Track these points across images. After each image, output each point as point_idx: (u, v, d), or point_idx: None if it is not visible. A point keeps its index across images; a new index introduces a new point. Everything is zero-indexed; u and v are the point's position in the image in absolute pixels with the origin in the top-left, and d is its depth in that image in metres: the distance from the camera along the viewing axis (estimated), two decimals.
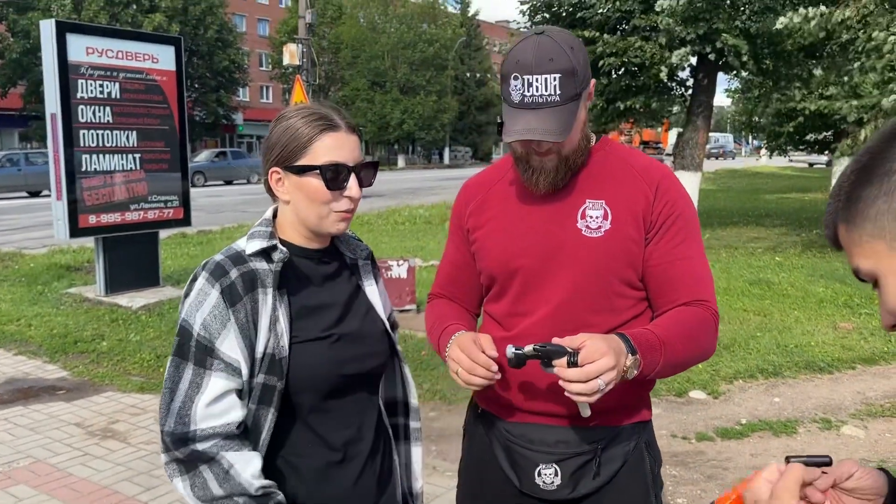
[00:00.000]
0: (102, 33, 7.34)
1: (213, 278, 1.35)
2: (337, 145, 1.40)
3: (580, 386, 1.31)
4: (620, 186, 1.56)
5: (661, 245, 1.53)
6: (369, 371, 1.50)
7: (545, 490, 1.58)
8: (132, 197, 7.35)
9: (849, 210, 0.83)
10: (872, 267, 0.84)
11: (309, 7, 15.48)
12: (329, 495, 1.44)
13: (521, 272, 1.58)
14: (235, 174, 31.71)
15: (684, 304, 1.52)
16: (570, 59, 1.44)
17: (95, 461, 3.99)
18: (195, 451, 1.30)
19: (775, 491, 0.94)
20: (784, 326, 6.33)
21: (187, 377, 1.32)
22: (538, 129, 1.44)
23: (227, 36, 42.02)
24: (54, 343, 6.03)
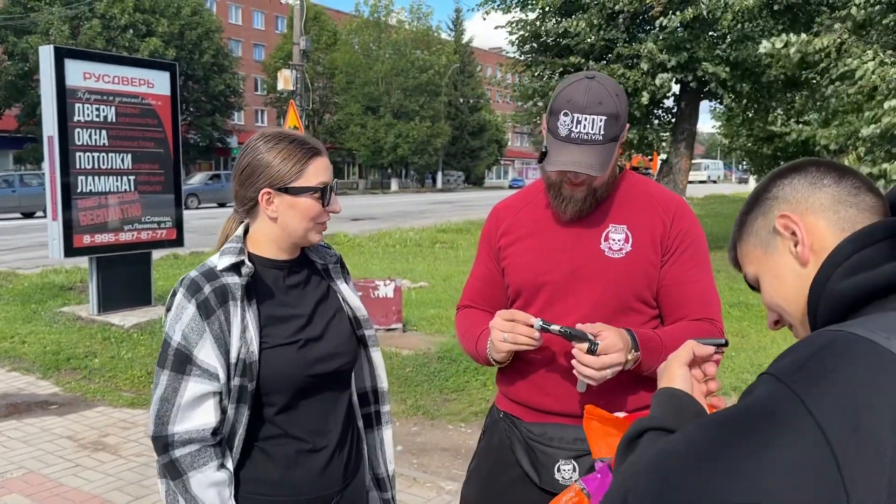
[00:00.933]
0: (100, 59, 7.56)
1: (189, 294, 1.51)
2: (323, 168, 1.59)
3: (592, 371, 1.55)
4: (641, 214, 1.75)
5: (674, 268, 1.72)
6: (336, 370, 1.66)
7: (564, 485, 1.70)
8: (126, 218, 7.51)
9: (740, 231, 1.09)
10: (755, 271, 1.06)
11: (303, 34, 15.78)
12: (298, 479, 1.60)
13: (547, 286, 1.75)
14: (229, 197, 31.69)
15: (694, 320, 1.70)
16: (616, 104, 1.63)
17: (87, 472, 4.12)
18: (171, 460, 1.48)
19: (669, 359, 1.17)
20: (760, 346, 6.51)
21: (166, 383, 1.49)
22: (581, 163, 1.61)
23: (222, 61, 42.46)
24: (47, 360, 6.15)
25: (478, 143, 58.20)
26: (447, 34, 57.95)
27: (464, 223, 19.17)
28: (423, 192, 50.47)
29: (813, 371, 0.80)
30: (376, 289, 6.70)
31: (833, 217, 1.00)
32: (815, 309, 0.96)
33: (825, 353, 0.81)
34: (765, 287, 1.06)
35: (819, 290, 0.95)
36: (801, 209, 1.01)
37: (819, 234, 0.99)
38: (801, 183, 1.03)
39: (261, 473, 1.58)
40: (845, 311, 0.91)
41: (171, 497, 1.50)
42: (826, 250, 0.97)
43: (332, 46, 47.83)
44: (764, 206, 1.06)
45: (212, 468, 1.49)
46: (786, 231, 1.01)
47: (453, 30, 60.47)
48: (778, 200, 1.04)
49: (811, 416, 0.76)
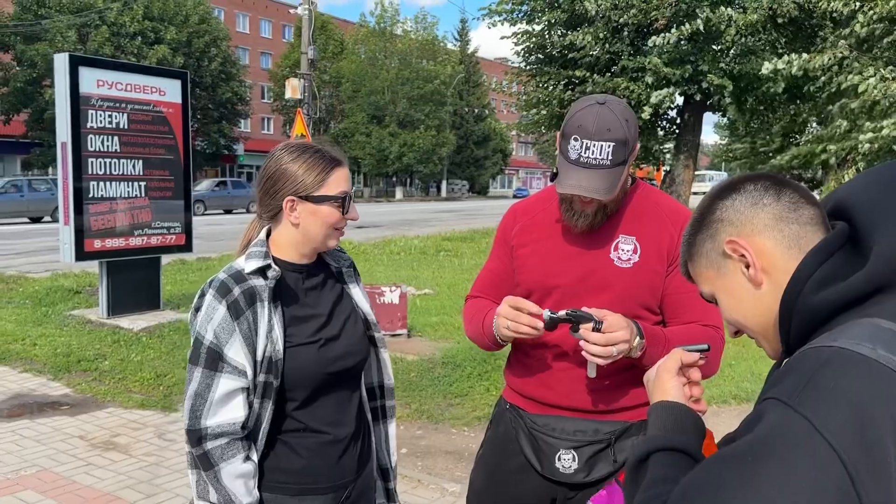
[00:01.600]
0: (112, 67, 7.70)
1: (219, 295, 1.61)
2: (344, 178, 1.70)
3: (599, 349, 1.62)
4: (650, 225, 1.83)
5: (679, 276, 1.78)
6: (351, 367, 1.77)
7: (564, 473, 1.83)
8: (136, 223, 7.63)
9: (689, 252, 1.13)
10: (710, 290, 1.12)
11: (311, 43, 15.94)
12: (318, 468, 1.71)
13: (557, 290, 1.83)
14: (235, 203, 32.12)
15: (692, 322, 1.80)
16: (624, 131, 1.71)
17: (98, 470, 4.21)
18: (204, 451, 1.58)
19: (658, 370, 1.20)
20: (760, 356, 6.58)
21: (199, 379, 1.59)
22: (588, 187, 1.70)
23: (230, 69, 42.74)
24: (58, 362, 6.25)
25: (482, 153, 58.40)
26: (453, 44, 58.25)
27: (468, 232, 19.28)
28: (427, 200, 50.63)
29: (816, 391, 0.84)
30: (382, 294, 6.79)
31: (778, 235, 1.03)
32: (787, 323, 1.00)
33: (824, 372, 0.85)
34: (722, 305, 1.11)
35: (790, 306, 0.99)
36: (746, 231, 1.04)
37: (767, 253, 1.03)
38: (743, 203, 1.06)
39: (284, 464, 1.68)
40: (819, 323, 0.96)
41: (201, 486, 1.59)
42: (777, 269, 1.02)
43: (339, 55, 48.12)
44: (710, 229, 1.09)
45: (239, 460, 1.59)
46: (735, 254, 1.05)
47: (459, 40, 60.77)
48: (723, 223, 1.07)
49: (822, 437, 0.80)
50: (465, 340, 6.59)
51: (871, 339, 0.87)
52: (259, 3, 56.79)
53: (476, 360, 5.96)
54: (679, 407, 1.11)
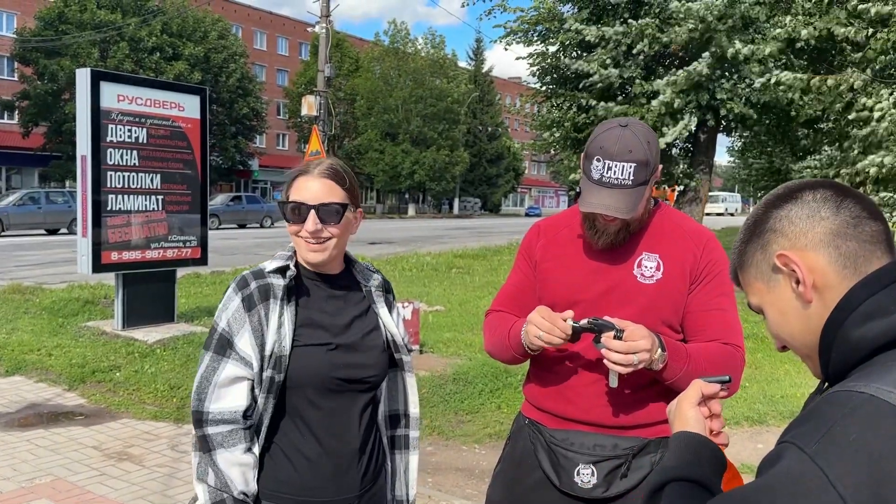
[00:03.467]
0: (133, 82, 7.84)
1: (237, 288, 1.70)
2: (302, 187, 1.72)
3: (620, 356, 1.64)
4: (673, 244, 1.87)
5: (700, 295, 1.84)
6: (363, 379, 1.77)
7: (582, 488, 1.83)
8: (153, 236, 7.72)
9: (740, 260, 1.09)
10: (758, 302, 1.08)
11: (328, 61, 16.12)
12: (315, 480, 1.71)
13: (580, 304, 1.85)
14: (250, 218, 32.34)
15: (714, 340, 1.81)
16: (646, 152, 1.75)
17: (112, 480, 4.25)
18: (205, 435, 1.63)
19: (679, 401, 1.19)
20: (773, 378, 6.56)
21: (207, 362, 1.66)
22: (609, 206, 1.74)
23: (247, 85, 43.20)
24: (73, 372, 6.32)
25: (495, 171, 58.57)
26: (467, 63, 58.62)
27: (480, 249, 19.30)
28: (439, 217, 50.74)
29: (836, 441, 0.81)
30: None
31: (834, 253, 0.97)
32: (827, 353, 0.96)
33: (848, 422, 0.82)
34: (769, 319, 1.07)
35: (831, 337, 0.95)
36: (799, 245, 0.98)
37: (820, 271, 0.97)
38: (798, 215, 1.00)
39: (280, 473, 1.70)
40: (858, 360, 0.92)
41: (201, 468, 1.65)
42: (829, 288, 0.97)
43: (354, 73, 48.55)
44: (762, 239, 1.04)
45: (240, 450, 1.63)
46: (785, 268, 1.00)
47: (474, 59, 61.15)
48: (776, 234, 1.02)
49: (836, 490, 0.78)
50: (477, 357, 6.60)
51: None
52: (277, 20, 57.46)
53: (487, 376, 5.97)
54: (697, 438, 1.10)
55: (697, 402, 1.17)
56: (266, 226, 32.56)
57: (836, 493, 0.78)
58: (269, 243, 22.49)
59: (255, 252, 18.85)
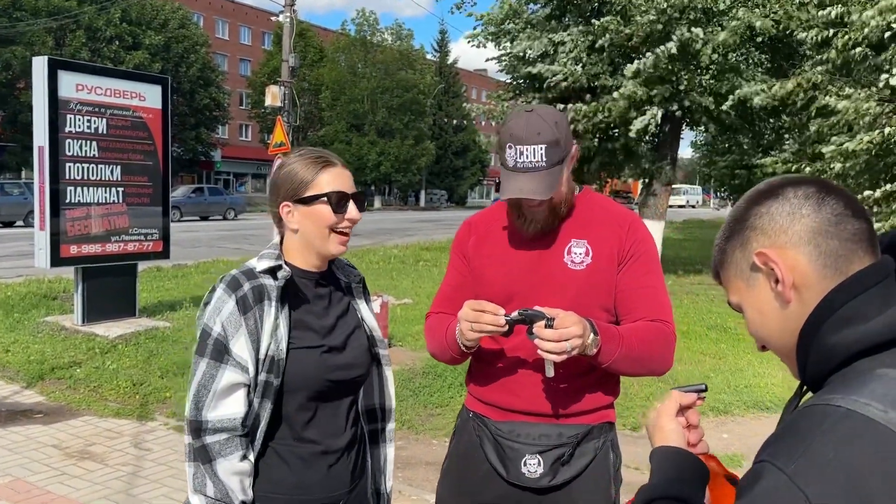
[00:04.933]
0: (92, 71, 7.63)
1: (230, 289, 1.63)
2: (336, 177, 1.69)
3: (552, 345, 1.63)
4: (599, 228, 1.89)
5: (628, 275, 1.87)
6: (352, 379, 1.76)
7: (529, 478, 1.85)
8: (113, 229, 7.54)
9: (721, 258, 1.06)
10: (737, 300, 1.05)
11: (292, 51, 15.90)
12: (309, 480, 1.69)
13: (515, 297, 1.86)
14: (212, 210, 31.85)
15: (644, 319, 1.83)
16: (554, 132, 1.76)
17: (73, 480, 4.14)
18: (203, 444, 1.57)
19: (657, 414, 1.16)
20: (737, 368, 6.66)
21: (204, 370, 1.59)
22: (526, 189, 1.76)
23: (208, 74, 42.48)
24: (31, 369, 6.14)
25: (461, 163, 58.57)
26: (432, 55, 58.43)
27: (448, 241, 19.26)
28: (406, 210, 50.60)
29: (813, 460, 0.80)
30: None
31: (814, 252, 0.94)
32: (804, 357, 0.94)
33: (826, 439, 0.80)
34: (749, 319, 1.05)
35: (808, 341, 0.93)
36: (780, 242, 0.96)
37: (800, 270, 0.95)
38: (779, 212, 0.97)
39: (275, 474, 1.67)
40: (835, 366, 0.90)
41: (198, 479, 1.58)
42: (808, 287, 0.94)
43: (318, 63, 48.05)
44: (741, 237, 1.01)
45: (237, 457, 1.58)
46: (765, 267, 0.97)
47: (438, 51, 60.97)
48: (756, 231, 0.99)
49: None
50: None
51: (884, 399, 0.81)
52: (239, 9, 56.55)
53: (457, 369, 5.95)
54: (679, 452, 1.09)
55: (675, 413, 1.16)
56: (230, 218, 32.11)
57: None
58: (234, 236, 22.19)
59: (218, 245, 18.59)
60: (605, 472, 1.90)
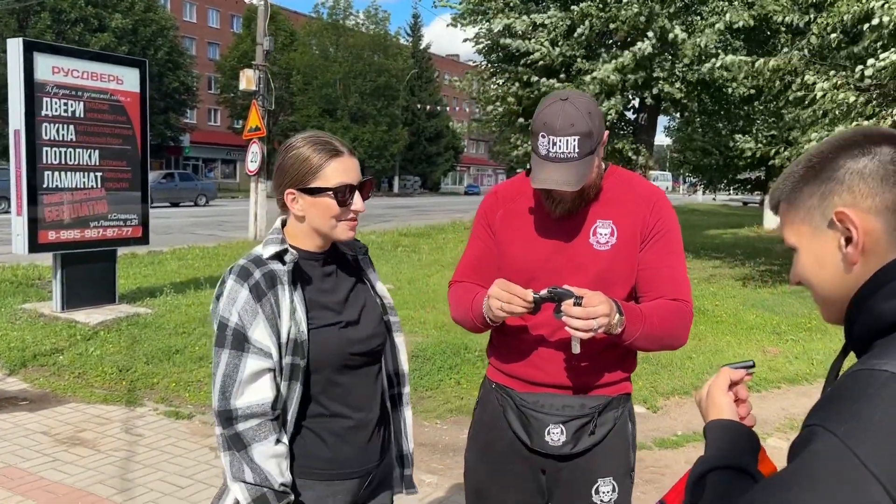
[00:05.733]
0: (69, 53, 7.47)
1: (241, 279, 1.63)
2: (343, 168, 1.70)
3: (580, 323, 1.68)
4: (625, 208, 1.93)
5: (650, 253, 1.91)
6: (372, 350, 1.80)
7: (553, 446, 1.92)
8: (92, 214, 7.43)
9: (792, 195, 1.04)
10: (795, 242, 1.06)
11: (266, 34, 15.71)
12: (346, 454, 1.73)
13: (540, 276, 1.89)
14: (183, 196, 31.41)
15: (664, 297, 1.88)
16: (588, 123, 1.78)
17: (66, 466, 4.11)
18: (236, 432, 1.59)
19: (709, 388, 1.20)
20: (717, 349, 6.81)
21: (227, 360, 1.60)
22: (558, 180, 1.78)
23: (177, 58, 41.75)
24: (12, 356, 6.05)
25: (434, 149, 58.44)
26: (405, 39, 58.06)
27: (425, 227, 19.30)
28: (379, 196, 50.39)
29: (862, 421, 0.82)
30: None
31: (893, 222, 0.95)
32: (852, 319, 0.98)
33: (874, 401, 0.83)
34: (802, 263, 1.05)
35: (861, 305, 0.96)
36: (864, 206, 0.95)
37: (874, 237, 0.95)
38: (871, 175, 0.95)
39: (313, 450, 1.70)
40: (881, 332, 0.93)
41: (236, 466, 1.60)
42: (875, 255, 0.96)
43: (289, 47, 47.47)
44: (824, 186, 0.99)
45: (272, 441, 1.61)
46: (840, 224, 0.97)
47: (411, 35, 60.61)
48: (842, 186, 0.97)
49: (868, 470, 0.80)
50: (433, 334, 6.63)
51: None
52: None
53: (446, 353, 6.00)
54: (733, 425, 1.12)
55: (726, 388, 1.19)
56: (201, 204, 31.70)
57: (867, 473, 0.79)
58: (207, 222, 21.94)
59: (192, 231, 18.37)
60: (623, 440, 1.99)
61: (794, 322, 8.10)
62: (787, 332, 7.62)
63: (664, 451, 4.59)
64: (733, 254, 15.23)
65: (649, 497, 3.92)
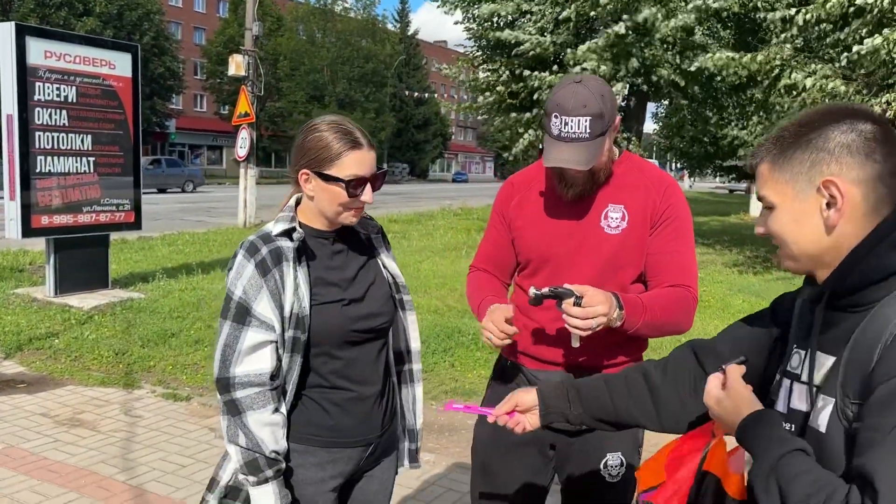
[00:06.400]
0: (61, 38, 7.44)
1: (248, 254, 1.70)
2: (359, 161, 1.74)
3: (580, 322, 1.75)
4: (636, 193, 1.98)
5: (658, 238, 1.97)
6: (375, 328, 1.85)
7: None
8: (85, 199, 7.44)
9: (778, 157, 1.13)
10: (775, 201, 1.14)
11: (255, 19, 15.63)
12: (347, 424, 1.81)
13: (553, 259, 1.99)
14: (170, 182, 31.25)
15: (671, 285, 1.95)
16: (600, 105, 1.84)
17: (67, 446, 4.17)
18: (233, 399, 1.67)
19: (729, 386, 1.24)
20: (704, 333, 6.93)
21: (227, 331, 1.68)
22: (569, 160, 1.84)
23: (163, 43, 41.36)
24: (8, 340, 6.08)
25: (423, 136, 58.38)
26: (393, 25, 57.77)
27: (414, 214, 19.35)
28: None
29: None
30: None
31: (870, 193, 1.06)
32: (846, 270, 1.08)
33: None
34: (777, 220, 1.14)
35: (860, 257, 1.06)
36: (849, 177, 1.06)
37: (852, 202, 1.07)
38: (859, 149, 1.06)
39: (314, 418, 1.78)
40: (873, 281, 1.06)
41: (231, 431, 1.68)
42: (852, 220, 1.07)
43: (276, 32, 47.15)
44: (813, 154, 1.08)
45: (268, 410, 1.68)
46: (825, 191, 1.07)
47: (399, 21, 60.31)
48: (831, 157, 1.07)
49: None
50: (427, 318, 6.71)
51: None
52: None
53: (440, 336, 6.09)
54: (770, 414, 1.16)
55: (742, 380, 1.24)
56: (188, 190, 31.55)
57: None
58: (194, 208, 21.87)
59: (180, 217, 18.31)
60: None
61: None
62: None
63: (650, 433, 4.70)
64: (721, 240, 15.40)
65: None
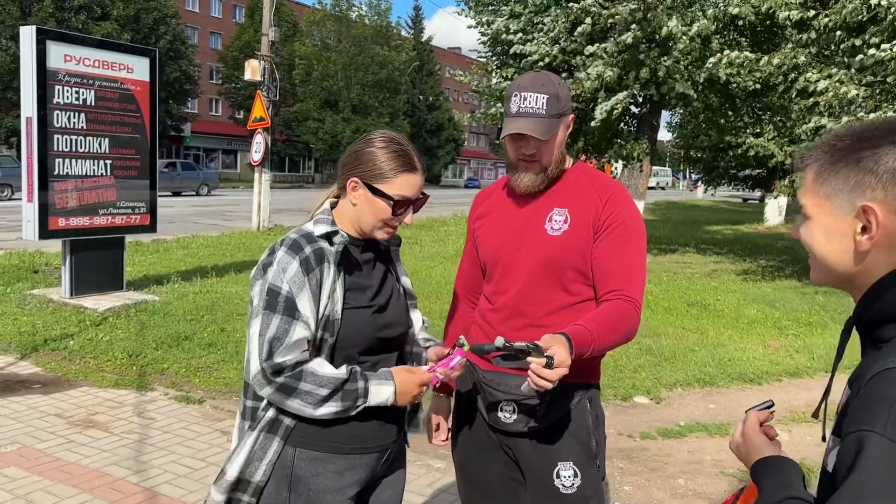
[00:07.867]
0: (81, 42, 7.52)
1: (293, 251, 1.72)
2: (410, 184, 1.79)
3: (548, 384, 1.69)
4: (581, 198, 2.02)
5: (603, 244, 1.99)
6: (396, 337, 1.88)
7: (505, 423, 2.03)
8: (101, 202, 7.50)
9: (824, 168, 1.07)
10: (812, 213, 1.10)
11: (273, 25, 15.73)
12: (365, 430, 1.81)
13: (501, 260, 2.07)
14: (185, 185, 31.46)
15: (613, 291, 1.93)
16: (556, 87, 1.97)
17: (81, 447, 4.19)
18: (288, 377, 1.67)
19: (745, 433, 1.26)
20: (719, 343, 6.89)
21: (277, 324, 1.67)
22: (526, 128, 1.92)
23: (179, 47, 41.67)
24: (24, 340, 6.13)
25: (435, 142, 58.48)
26: (407, 32, 57.99)
27: (427, 219, 19.37)
28: None
29: None
30: None
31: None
32: (869, 302, 1.05)
33: None
34: (810, 232, 1.10)
35: (882, 290, 1.03)
36: (892, 206, 1.00)
37: (888, 233, 1.01)
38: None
39: (332, 424, 1.77)
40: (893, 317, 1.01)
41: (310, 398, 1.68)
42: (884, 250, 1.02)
43: (292, 38, 47.42)
44: (860, 173, 1.02)
45: (312, 363, 1.70)
46: (863, 215, 1.02)
47: (413, 28, 60.52)
48: (878, 181, 1.01)
49: None
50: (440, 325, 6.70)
51: None
52: None
53: None
54: (777, 459, 1.17)
55: (759, 429, 1.26)
56: (203, 194, 31.74)
57: None
58: (209, 212, 22.00)
59: (194, 220, 18.42)
60: (582, 426, 2.04)
61: (795, 317, 8.19)
62: (788, 327, 7.70)
63: (667, 440, 4.67)
64: (734, 250, 15.31)
65: (653, 485, 4.00)
